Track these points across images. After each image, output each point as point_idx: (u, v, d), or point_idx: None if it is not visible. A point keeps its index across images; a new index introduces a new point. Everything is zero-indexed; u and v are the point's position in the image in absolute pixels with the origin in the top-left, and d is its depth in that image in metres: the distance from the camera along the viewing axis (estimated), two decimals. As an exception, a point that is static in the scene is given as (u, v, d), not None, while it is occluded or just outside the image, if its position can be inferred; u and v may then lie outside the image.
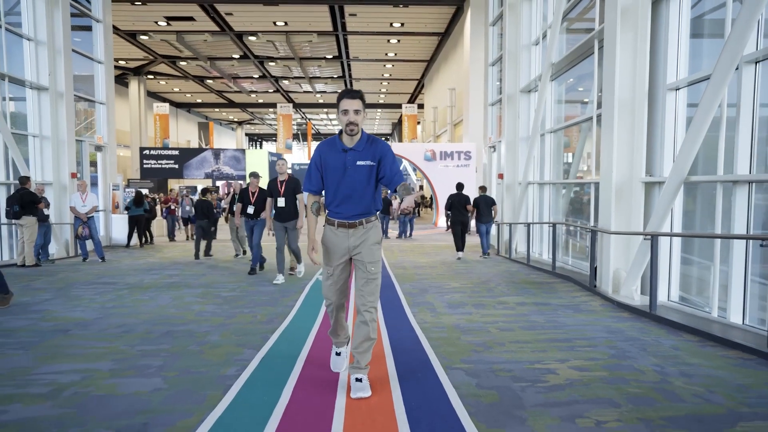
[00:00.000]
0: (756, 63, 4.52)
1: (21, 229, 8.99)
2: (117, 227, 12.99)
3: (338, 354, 3.37)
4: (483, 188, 10.51)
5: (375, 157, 3.03)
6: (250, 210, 7.77)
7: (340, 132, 3.07)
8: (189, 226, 15.15)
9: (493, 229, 11.53)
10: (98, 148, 12.95)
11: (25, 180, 9.02)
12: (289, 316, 4.94)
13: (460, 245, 10.02)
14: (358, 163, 3.01)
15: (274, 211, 7.06)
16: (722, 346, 3.91)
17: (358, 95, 2.99)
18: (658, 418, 2.61)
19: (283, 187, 6.93)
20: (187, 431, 2.48)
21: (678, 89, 5.76)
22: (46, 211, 9.70)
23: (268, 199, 7.06)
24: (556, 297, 6.01)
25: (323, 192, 3.15)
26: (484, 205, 10.08)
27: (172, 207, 14.92)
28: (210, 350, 3.82)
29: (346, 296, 3.20)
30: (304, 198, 6.73)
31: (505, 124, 11.04)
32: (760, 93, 4.51)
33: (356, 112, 2.96)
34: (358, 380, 3.01)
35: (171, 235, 14.76)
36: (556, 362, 3.50)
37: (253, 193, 7.86)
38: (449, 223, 12.00)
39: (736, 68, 4.54)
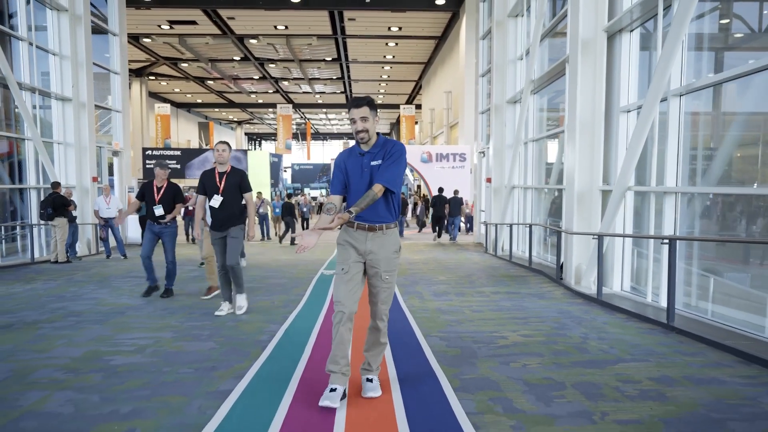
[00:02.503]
0: (680, 96, 5.58)
1: (53, 230, 10.01)
2: (132, 227, 14.02)
3: (333, 390, 2.90)
4: (456, 191, 14.79)
5: (385, 157, 2.99)
6: (158, 211, 5.83)
7: None
8: None
9: (482, 228, 13.35)
10: (115, 153, 13.96)
11: (56, 185, 10.05)
12: (301, 302, 5.98)
13: (438, 233, 14.59)
14: (372, 163, 2.99)
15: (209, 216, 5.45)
16: (641, 321, 5.01)
17: (364, 102, 2.94)
18: (567, 362, 3.72)
19: (223, 182, 5.05)
20: (243, 371, 3.55)
21: (629, 111, 6.81)
22: (74, 213, 10.71)
23: (199, 198, 5.19)
24: (527, 287, 7.06)
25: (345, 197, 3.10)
26: (455, 204, 14.42)
27: (190, 208, 15.54)
28: (243, 325, 4.88)
29: (356, 304, 2.99)
30: (253, 197, 5.35)
31: (493, 131, 12.10)
32: (684, 120, 5.57)
33: (363, 119, 2.92)
34: (369, 380, 3.06)
35: (188, 236, 15.12)
36: (510, 332, 4.58)
37: (158, 188, 5.89)
38: (430, 216, 15.97)
39: (665, 99, 5.60)
